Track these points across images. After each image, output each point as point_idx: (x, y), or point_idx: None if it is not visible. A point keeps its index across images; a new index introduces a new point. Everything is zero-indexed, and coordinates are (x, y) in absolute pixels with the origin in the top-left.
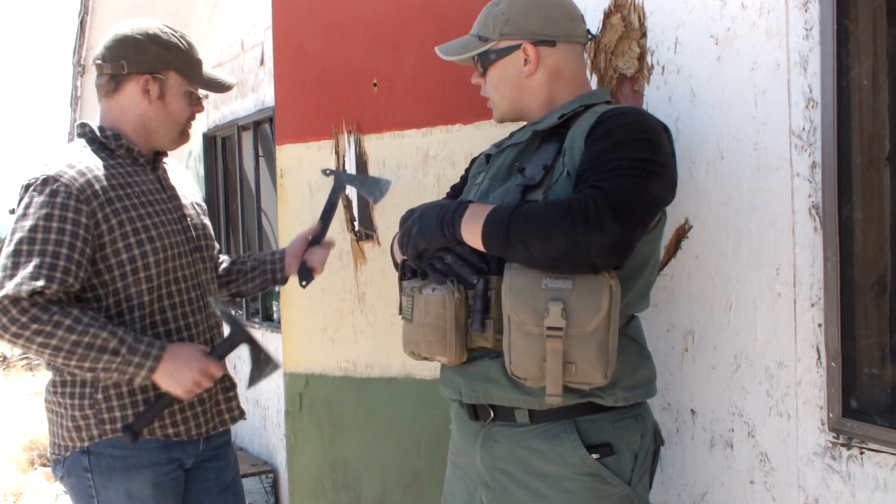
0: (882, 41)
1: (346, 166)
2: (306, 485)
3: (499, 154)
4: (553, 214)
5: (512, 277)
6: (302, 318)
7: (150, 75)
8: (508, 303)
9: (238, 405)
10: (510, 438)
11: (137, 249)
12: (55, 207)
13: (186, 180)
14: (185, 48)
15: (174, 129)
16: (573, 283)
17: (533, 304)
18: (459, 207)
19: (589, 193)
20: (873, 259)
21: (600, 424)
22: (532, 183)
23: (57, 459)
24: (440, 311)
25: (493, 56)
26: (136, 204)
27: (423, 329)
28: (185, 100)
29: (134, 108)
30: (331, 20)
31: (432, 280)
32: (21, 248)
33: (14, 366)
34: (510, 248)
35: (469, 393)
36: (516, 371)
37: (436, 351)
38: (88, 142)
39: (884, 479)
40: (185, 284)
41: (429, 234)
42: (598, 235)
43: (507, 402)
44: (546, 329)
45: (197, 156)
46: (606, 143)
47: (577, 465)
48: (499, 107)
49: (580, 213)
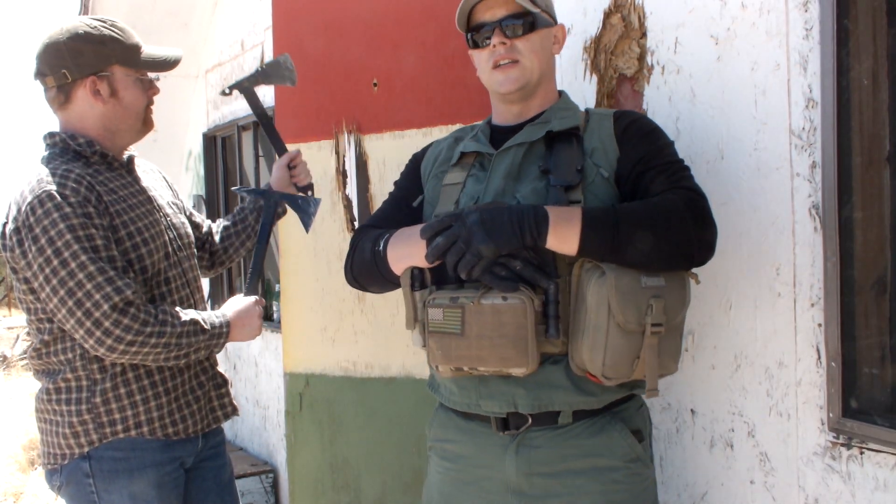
0: (882, 41)
1: (346, 166)
2: (306, 485)
3: (503, 153)
4: (663, 213)
5: (617, 278)
6: (302, 318)
7: (95, 76)
8: (615, 303)
9: (231, 402)
10: (551, 441)
11: (133, 253)
12: (76, 217)
13: (159, 180)
14: (120, 36)
15: (136, 121)
16: (665, 280)
17: (636, 303)
18: (539, 211)
19: (687, 195)
20: (873, 259)
21: (630, 412)
22: (571, 184)
23: (53, 469)
24: (521, 320)
25: (543, 20)
26: (123, 209)
27: (490, 342)
28: (137, 88)
29: (90, 112)
30: (331, 20)
31: (498, 288)
32: (83, 266)
33: (14, 366)
34: (618, 249)
35: (531, 402)
36: (609, 373)
37: (512, 363)
38: (61, 152)
39: (884, 479)
40: (175, 284)
41: (502, 240)
42: (705, 231)
43: (568, 405)
44: (651, 326)
45: (197, 156)
46: (654, 143)
47: (626, 452)
48: (527, 71)
49: (690, 212)
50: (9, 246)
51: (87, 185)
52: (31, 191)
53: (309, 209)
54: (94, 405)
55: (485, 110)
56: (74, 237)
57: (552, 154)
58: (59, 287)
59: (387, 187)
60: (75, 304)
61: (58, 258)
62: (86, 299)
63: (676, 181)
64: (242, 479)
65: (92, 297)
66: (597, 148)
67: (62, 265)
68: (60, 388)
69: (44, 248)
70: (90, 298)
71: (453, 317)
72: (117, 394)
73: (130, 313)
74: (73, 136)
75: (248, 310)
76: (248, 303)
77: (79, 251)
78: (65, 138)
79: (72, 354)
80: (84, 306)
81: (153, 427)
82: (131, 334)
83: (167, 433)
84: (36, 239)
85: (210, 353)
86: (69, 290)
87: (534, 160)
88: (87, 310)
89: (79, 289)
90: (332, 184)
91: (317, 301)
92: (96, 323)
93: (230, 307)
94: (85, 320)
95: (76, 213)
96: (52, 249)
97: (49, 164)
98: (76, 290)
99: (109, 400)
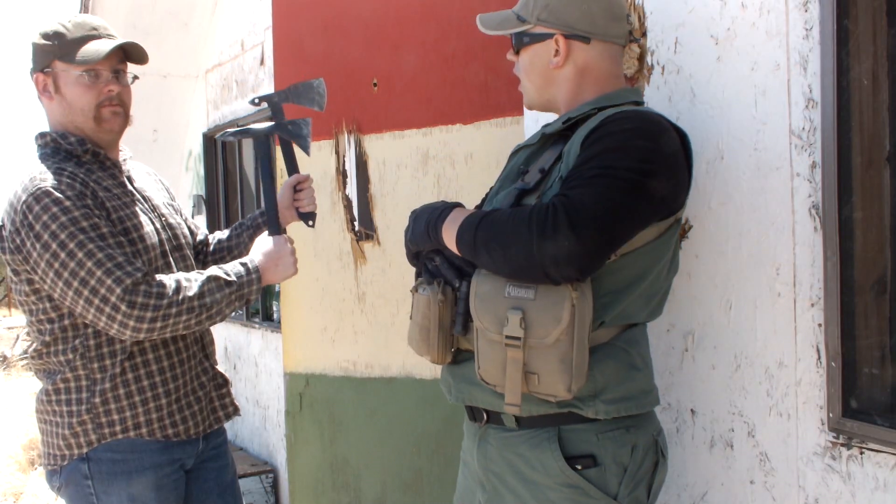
0: (882, 41)
1: (346, 166)
2: (306, 484)
3: (514, 155)
4: (513, 222)
5: (478, 283)
6: (302, 318)
7: (41, 72)
8: (474, 308)
9: (232, 401)
10: (500, 442)
11: (129, 248)
12: (77, 209)
13: (154, 182)
14: (66, 32)
15: (84, 118)
16: (535, 292)
17: (495, 311)
18: (444, 211)
19: (551, 202)
20: (873, 259)
21: (584, 435)
22: (527, 187)
23: (53, 469)
24: (426, 311)
25: (526, 39)
26: (117, 206)
27: (415, 327)
28: (79, 85)
29: (49, 108)
30: (331, 20)
31: (424, 280)
32: (91, 254)
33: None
34: (477, 254)
35: (456, 394)
36: (484, 376)
37: (422, 350)
38: (53, 152)
39: (884, 479)
40: None
41: (418, 236)
42: (551, 244)
43: (489, 405)
44: (505, 337)
45: (197, 156)
46: (596, 149)
47: (557, 475)
48: (528, 93)
49: (536, 222)
50: (9, 248)
51: (81, 181)
52: (24, 190)
53: (302, 132)
54: (94, 406)
55: (485, 110)
56: (78, 228)
57: (541, 156)
58: (71, 279)
59: (387, 187)
60: (91, 292)
61: (64, 251)
62: (99, 286)
63: (566, 188)
64: (242, 479)
65: (104, 283)
66: (568, 151)
67: (70, 257)
68: (60, 388)
69: (48, 243)
70: (103, 284)
71: (412, 303)
72: (116, 395)
73: (142, 291)
74: (63, 136)
75: (277, 248)
76: (277, 241)
77: (85, 241)
78: (56, 138)
79: (72, 355)
80: (99, 293)
81: (152, 428)
82: (150, 311)
83: (167, 434)
84: (38, 236)
85: (246, 302)
86: (82, 280)
87: (532, 162)
88: (104, 296)
89: (91, 277)
90: (332, 184)
91: (317, 301)
92: (115, 308)
93: (258, 249)
94: (104, 307)
95: (76, 205)
96: (56, 243)
97: (41, 163)
98: (89, 279)
99: (109, 401)
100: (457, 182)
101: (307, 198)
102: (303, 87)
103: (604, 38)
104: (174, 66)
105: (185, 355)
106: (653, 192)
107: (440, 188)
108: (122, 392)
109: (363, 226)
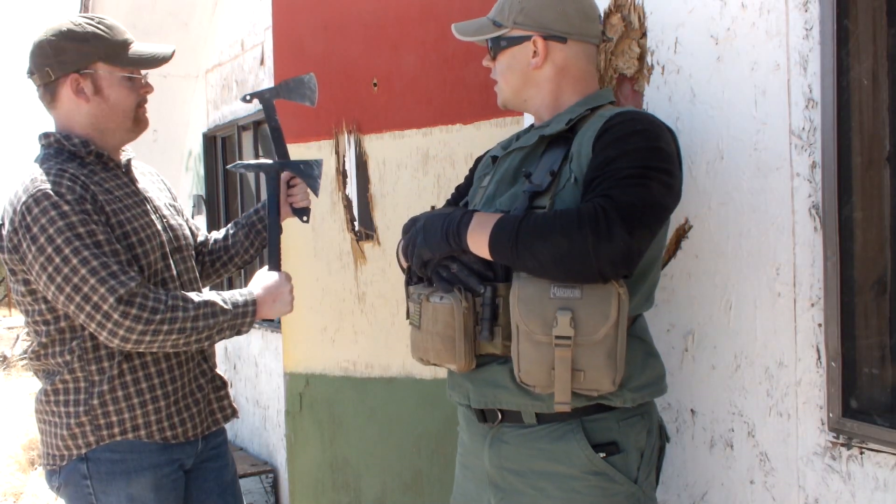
0: (882, 41)
1: (346, 166)
2: (306, 485)
3: (505, 157)
4: (562, 224)
5: (521, 287)
6: (302, 318)
7: (78, 73)
8: (517, 312)
9: (230, 404)
10: (518, 439)
11: (129, 253)
12: (75, 214)
13: (156, 182)
14: (105, 34)
15: (124, 119)
16: (581, 291)
17: (542, 314)
18: (465, 217)
19: (599, 203)
20: (873, 259)
21: (606, 423)
22: (539, 189)
23: (52, 470)
24: (449, 319)
25: (503, 43)
26: (119, 209)
27: (431, 337)
28: (123, 87)
29: (76, 110)
30: (331, 20)
31: (439, 288)
32: (86, 261)
33: (14, 366)
34: (518, 258)
35: (478, 398)
36: (525, 379)
37: (445, 359)
38: (56, 152)
39: (884, 479)
40: (172, 286)
41: (433, 244)
42: (607, 245)
43: (516, 406)
44: (554, 338)
45: (197, 156)
46: (616, 150)
47: (584, 464)
48: (503, 92)
49: (589, 223)
50: (7, 248)
51: (81, 184)
52: (25, 191)
53: (313, 172)
54: (92, 407)
55: (485, 111)
56: (75, 234)
57: (542, 158)
58: (63, 284)
59: (387, 187)
60: (82, 299)
61: (59, 255)
62: (92, 293)
63: (605, 189)
64: (242, 479)
65: (97, 291)
66: (577, 152)
67: (64, 262)
68: (58, 389)
69: (43, 246)
70: (96, 292)
71: (416, 311)
72: (115, 396)
73: (137, 303)
74: (67, 137)
75: (277, 284)
76: (277, 277)
77: (80, 247)
78: (59, 138)
79: (70, 356)
80: (91, 300)
81: (151, 430)
82: (142, 324)
83: (165, 436)
84: (34, 238)
85: (237, 332)
86: (74, 287)
87: (529, 165)
88: (95, 304)
89: (84, 284)
90: (332, 184)
91: (317, 301)
92: (106, 316)
93: (257, 283)
94: (94, 313)
95: (74, 210)
96: (52, 247)
97: (43, 164)
98: (81, 286)
99: (107, 402)
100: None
101: (300, 193)
102: (294, 83)
103: (580, 37)
104: (174, 65)
105: (183, 357)
106: (672, 189)
107: (440, 188)
108: (121, 394)
109: (363, 226)
